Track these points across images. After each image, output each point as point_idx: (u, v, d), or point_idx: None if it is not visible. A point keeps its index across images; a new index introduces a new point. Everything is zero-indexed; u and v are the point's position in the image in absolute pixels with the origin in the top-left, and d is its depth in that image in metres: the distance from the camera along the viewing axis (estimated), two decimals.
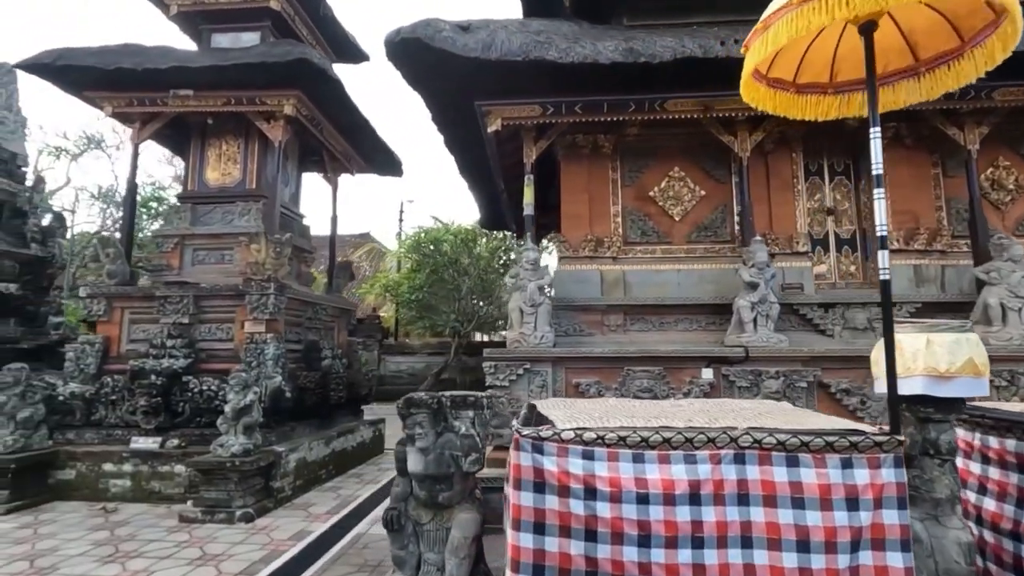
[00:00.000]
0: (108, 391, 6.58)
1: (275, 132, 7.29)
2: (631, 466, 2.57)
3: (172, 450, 6.20)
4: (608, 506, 2.49)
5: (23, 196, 9.14)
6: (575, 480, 2.53)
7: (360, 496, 6.43)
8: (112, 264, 7.02)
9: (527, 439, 2.63)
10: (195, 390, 6.46)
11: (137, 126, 7.40)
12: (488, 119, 6.07)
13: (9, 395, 6.06)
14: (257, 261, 6.90)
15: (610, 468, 2.56)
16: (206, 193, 7.77)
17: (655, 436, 2.57)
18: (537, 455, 2.60)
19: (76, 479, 6.24)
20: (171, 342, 6.65)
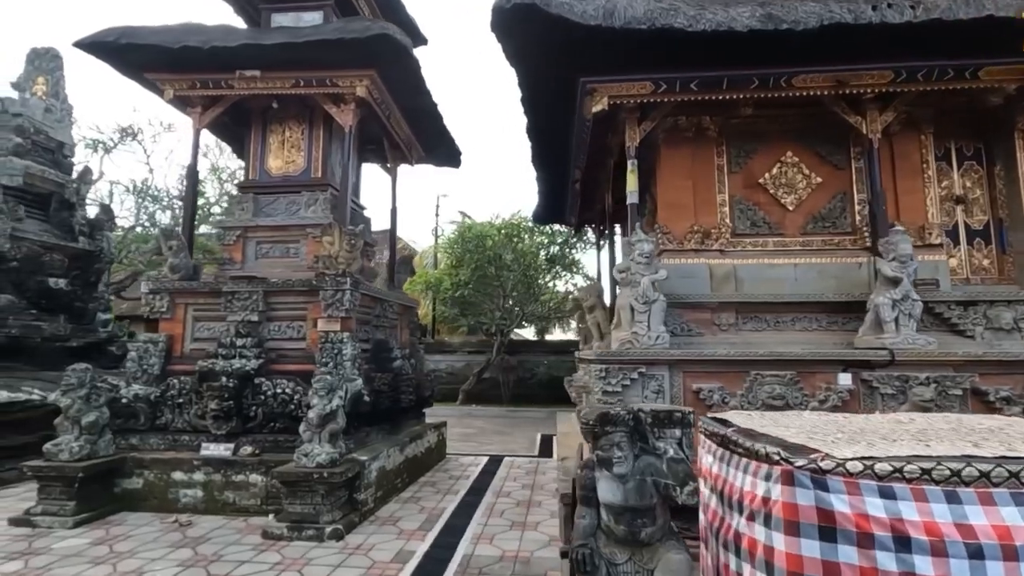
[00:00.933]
0: (174, 393, 6.14)
1: (345, 116, 6.80)
2: (946, 508, 2.02)
3: (247, 458, 5.74)
4: (930, 561, 1.95)
5: (71, 187, 8.75)
6: (879, 526, 1.98)
7: (445, 509, 5.93)
8: (175, 257, 6.57)
9: (804, 472, 2.09)
10: (268, 393, 5.99)
11: (198, 111, 6.93)
12: (593, 98, 5.54)
13: (73, 398, 5.63)
14: (330, 254, 6.41)
15: (920, 511, 2.01)
16: (268, 183, 7.30)
17: (968, 469, 2.01)
18: (821, 492, 2.05)
19: (144, 488, 5.80)
20: (241, 341, 6.19)
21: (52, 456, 5.49)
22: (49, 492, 5.44)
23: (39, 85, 8.83)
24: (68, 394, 5.64)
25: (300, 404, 5.94)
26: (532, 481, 7.24)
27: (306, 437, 5.32)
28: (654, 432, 2.65)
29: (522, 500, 6.30)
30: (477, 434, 11.29)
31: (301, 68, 6.56)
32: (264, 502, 5.64)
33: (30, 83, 8.62)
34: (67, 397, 5.64)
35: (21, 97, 8.43)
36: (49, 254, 8.25)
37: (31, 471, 5.43)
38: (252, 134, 7.40)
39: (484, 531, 5.22)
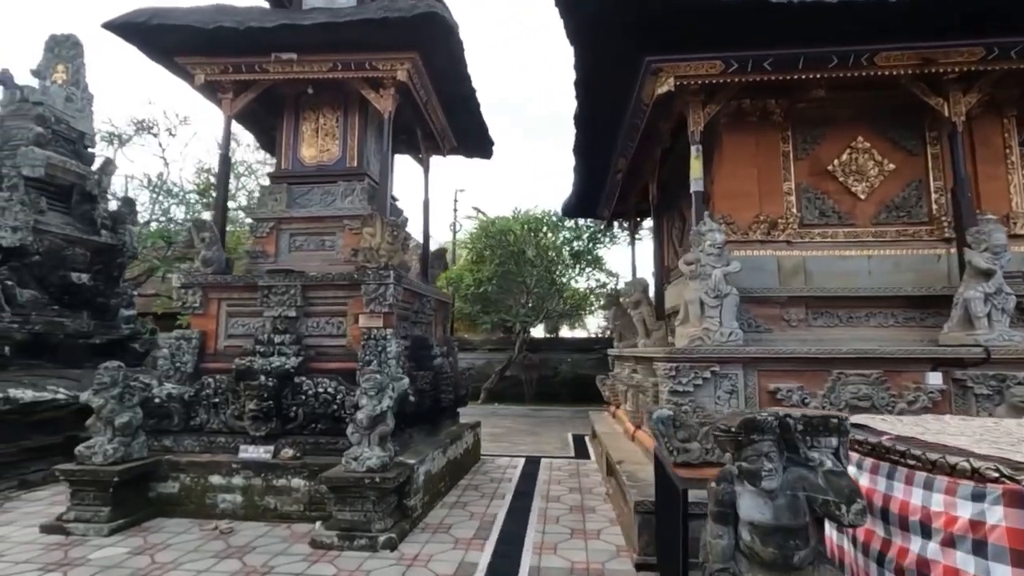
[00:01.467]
0: (210, 393, 5.83)
1: (384, 102, 6.47)
2: None
3: (288, 461, 5.43)
4: None
5: (92, 179, 8.45)
6: None
7: (496, 515, 5.62)
8: (207, 250, 6.26)
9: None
10: (309, 392, 5.68)
11: (230, 96, 6.61)
12: (657, 78, 5.19)
13: (107, 398, 5.33)
14: (371, 247, 6.09)
15: None
16: (301, 172, 6.98)
17: None
18: None
19: (179, 493, 5.50)
20: (279, 338, 5.88)
21: (85, 459, 5.20)
22: (82, 497, 5.14)
23: (59, 73, 8.53)
24: (100, 394, 5.34)
25: (343, 404, 5.63)
26: (578, 484, 6.92)
27: (354, 439, 5.00)
28: (806, 441, 2.33)
29: (574, 505, 5.98)
30: (506, 434, 10.98)
31: (339, 51, 6.23)
32: (307, 508, 5.33)
33: (50, 71, 8.31)
34: (99, 397, 5.34)
35: (41, 85, 8.13)
36: (72, 248, 7.96)
37: (63, 475, 5.13)
38: (284, 122, 7.08)
39: (544, 539, 4.90)
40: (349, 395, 5.64)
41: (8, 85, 8.06)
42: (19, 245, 7.15)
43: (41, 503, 5.98)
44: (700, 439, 4.73)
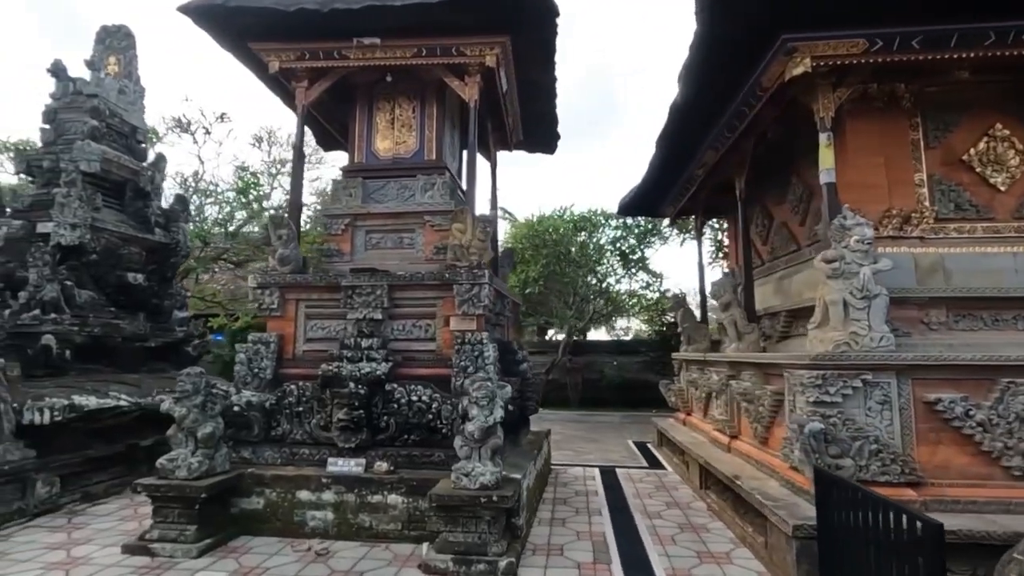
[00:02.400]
0: (292, 401, 5.44)
1: (470, 90, 6.06)
2: None
3: (383, 476, 5.02)
4: None
5: (145, 175, 8.10)
6: None
7: (604, 534, 5.19)
8: (285, 248, 5.87)
9: None
10: (402, 401, 5.27)
11: (304, 85, 6.23)
12: (791, 59, 4.75)
13: (189, 407, 4.94)
14: (460, 244, 5.68)
15: None
16: (377, 166, 6.58)
17: None
18: None
19: (265, 509, 5.10)
20: (366, 342, 5.48)
21: (167, 473, 4.81)
22: (166, 515, 4.75)
23: (111, 65, 8.19)
24: (182, 402, 4.96)
25: (439, 414, 5.23)
26: (671, 498, 6.48)
27: (463, 453, 4.58)
28: None
29: (681, 523, 5.54)
30: (565, 440, 10.53)
31: (425, 35, 5.83)
32: (406, 527, 4.92)
33: (103, 63, 7.97)
34: (181, 406, 4.95)
35: (95, 77, 7.79)
36: (127, 247, 7.60)
37: (145, 490, 4.74)
38: (357, 112, 6.69)
39: (673, 565, 4.46)
40: (445, 404, 5.23)
41: (61, 77, 7.73)
42: (78, 243, 6.79)
43: (110, 518, 5.60)
44: (853, 455, 4.30)
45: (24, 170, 7.43)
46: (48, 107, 7.67)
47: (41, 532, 5.16)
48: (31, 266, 6.40)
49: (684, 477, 7.46)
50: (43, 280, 6.37)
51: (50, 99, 7.72)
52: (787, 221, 7.14)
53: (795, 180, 6.79)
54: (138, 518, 5.59)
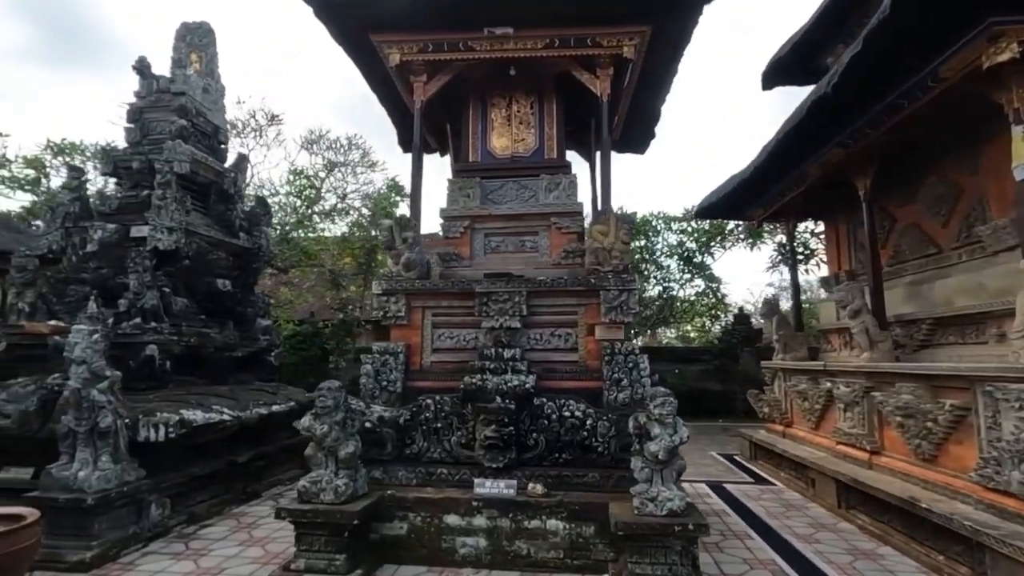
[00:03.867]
0: (430, 416, 5.05)
1: (601, 83, 5.71)
2: None
3: (541, 498, 4.61)
4: None
5: (229, 177, 7.75)
6: None
7: (774, 560, 4.76)
8: (411, 252, 5.50)
9: None
10: (553, 416, 4.87)
11: (423, 80, 5.88)
12: (995, 44, 4.36)
13: (330, 424, 4.54)
14: (603, 247, 5.30)
15: None
16: (493, 165, 6.23)
17: None
18: None
19: (408, 535, 4.69)
20: (508, 353, 5.09)
21: (311, 496, 4.41)
22: (311, 542, 4.35)
23: (193, 63, 7.86)
24: (322, 419, 4.56)
25: (594, 431, 4.82)
26: (810, 518, 6.04)
27: (643, 476, 4.18)
28: None
29: (846, 548, 5.11)
30: None
31: (559, 24, 5.48)
32: (568, 555, 4.51)
33: (188, 61, 7.64)
34: (321, 423, 4.55)
35: (182, 74, 7.46)
36: (215, 251, 7.24)
37: (289, 516, 4.35)
38: (470, 109, 6.33)
39: None
40: (601, 420, 4.83)
41: (145, 75, 7.41)
42: (174, 248, 6.43)
43: (227, 543, 5.20)
44: None
45: (111, 171, 7.09)
46: (133, 106, 7.35)
47: (164, 559, 4.76)
48: (131, 272, 6.04)
49: (805, 494, 7.02)
50: (143, 287, 6.00)
51: (134, 98, 7.40)
52: (919, 222, 6.74)
53: (934, 179, 6.40)
54: (256, 543, 5.20)
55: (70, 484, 4.63)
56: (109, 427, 4.81)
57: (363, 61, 6.17)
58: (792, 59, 9.22)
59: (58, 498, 4.53)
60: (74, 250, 6.53)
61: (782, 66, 9.46)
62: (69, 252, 6.53)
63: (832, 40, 8.65)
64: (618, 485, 4.75)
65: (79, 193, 6.78)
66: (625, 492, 4.59)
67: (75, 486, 4.63)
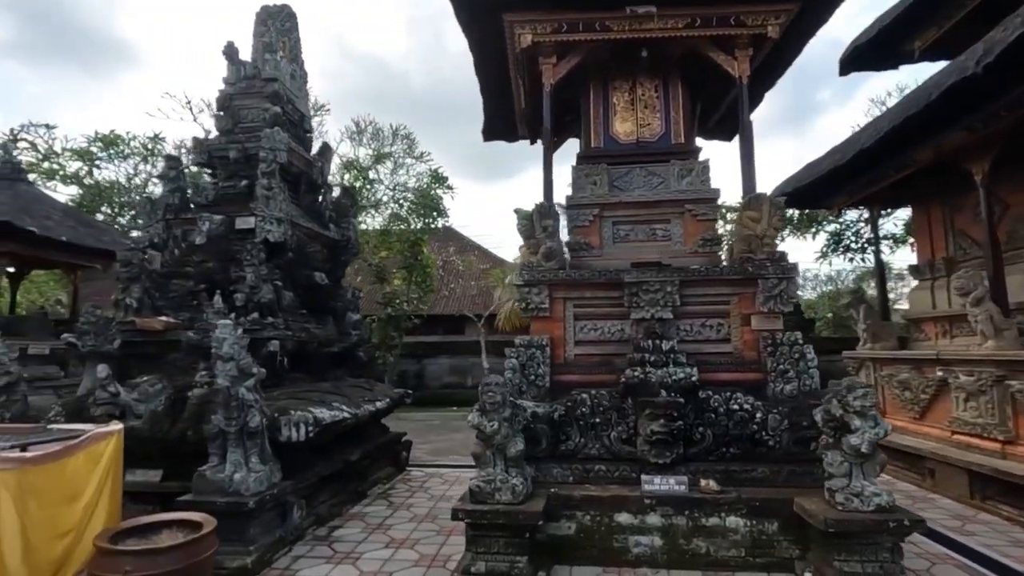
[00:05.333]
0: (586, 411, 4.85)
1: (740, 64, 5.51)
2: None
3: (717, 495, 4.44)
4: None
5: (316, 167, 7.50)
6: None
7: (947, 555, 4.64)
8: (551, 241, 5.30)
9: None
10: (720, 410, 4.70)
11: (552, 62, 5.64)
12: None
13: (499, 421, 4.33)
14: (755, 234, 5.12)
15: None
16: (618, 151, 6.01)
17: None
18: None
19: (577, 535, 4.51)
20: (666, 345, 4.90)
21: (485, 496, 4.22)
22: (488, 544, 4.17)
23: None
24: (491, 415, 4.35)
25: (764, 424, 4.65)
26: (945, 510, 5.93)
27: (840, 471, 4.01)
28: None
29: (1013, 540, 4.99)
30: None
31: (704, 3, 5.27)
32: (749, 553, 4.35)
33: (278, 45, 7.34)
34: (490, 419, 4.34)
35: (273, 60, 7.16)
36: (312, 244, 7.00)
37: (468, 516, 4.16)
38: (591, 93, 6.11)
39: None
40: (772, 413, 4.66)
41: (233, 60, 7.11)
42: (282, 240, 6.19)
43: (371, 545, 5.00)
44: None
45: (205, 161, 6.80)
46: (222, 92, 7.06)
47: (318, 563, 4.57)
48: (247, 265, 5.79)
49: (922, 485, 6.90)
50: (260, 281, 5.76)
51: (223, 84, 7.11)
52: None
53: None
54: (402, 544, 5.02)
55: (225, 487, 4.42)
56: (258, 427, 4.59)
57: (483, 43, 5.93)
58: (877, 43, 9.03)
59: (216, 501, 4.31)
60: (176, 243, 6.26)
61: (864, 51, 9.27)
62: (171, 245, 6.27)
63: (923, 24, 8.48)
64: (789, 480, 4.61)
65: (177, 184, 6.49)
66: (802, 488, 4.46)
67: (230, 488, 4.42)
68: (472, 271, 23.11)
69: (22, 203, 8.33)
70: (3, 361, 4.90)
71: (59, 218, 8.68)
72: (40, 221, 8.09)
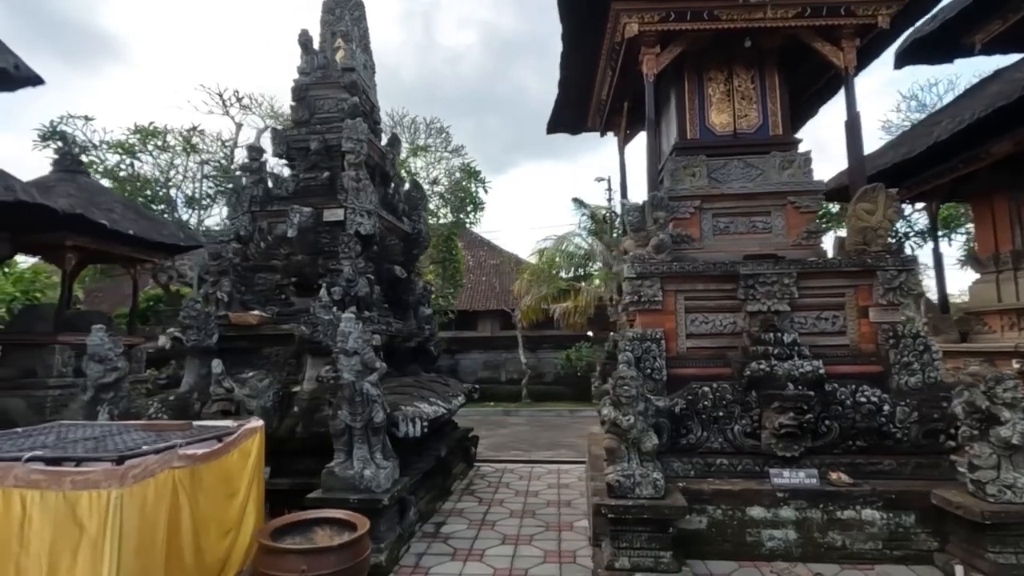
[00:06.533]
0: (708, 405, 4.81)
1: (847, 55, 5.46)
2: None
3: (851, 488, 4.42)
4: None
5: (388, 159, 7.37)
6: None
7: None
8: (662, 232, 5.23)
9: None
10: (846, 402, 4.67)
11: (655, 52, 5.56)
12: None
13: (634, 414, 4.28)
14: (870, 226, 5.09)
15: None
16: (714, 142, 5.95)
17: None
18: None
19: (708, 529, 4.48)
20: (788, 337, 4.86)
21: (625, 491, 4.16)
22: (630, 539, 4.11)
23: (338, 41, 7.41)
24: (626, 409, 4.30)
25: (892, 417, 4.63)
26: None
27: (989, 463, 3.99)
28: None
29: None
30: None
31: None
32: (886, 545, 4.33)
33: (354, 33, 7.19)
34: (625, 413, 4.29)
35: (349, 49, 7.01)
36: (390, 236, 6.89)
37: (612, 512, 4.09)
38: (685, 84, 6.04)
39: None
40: (900, 405, 4.64)
41: (308, 49, 6.97)
42: (372, 233, 6.08)
43: (486, 541, 4.96)
44: None
45: (283, 152, 6.66)
46: (298, 82, 6.92)
47: (447, 561, 4.50)
48: (343, 257, 5.68)
49: None
50: (356, 274, 5.65)
51: (298, 74, 6.96)
52: None
53: None
54: (521, 541, 4.96)
55: (356, 483, 4.33)
56: (382, 422, 4.50)
57: (577, 34, 5.84)
58: (938, 36, 9.02)
59: (349, 499, 4.23)
60: (262, 236, 6.13)
61: (924, 44, 9.25)
62: (257, 238, 6.13)
63: (988, 17, 8.47)
64: (916, 473, 4.60)
65: (260, 175, 6.35)
66: (930, 480, 4.44)
67: (361, 485, 4.33)
68: (484, 267, 23.04)
69: (88, 196, 8.12)
70: (110, 356, 4.75)
71: (121, 211, 8.46)
72: (107, 214, 7.89)
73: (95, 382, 4.67)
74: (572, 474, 7.39)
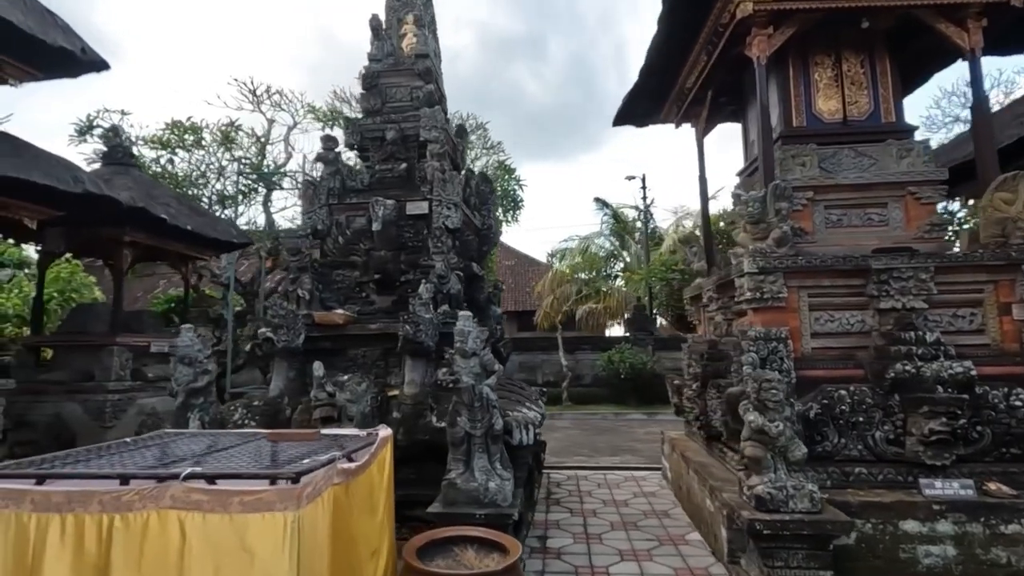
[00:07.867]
0: (845, 409, 4.46)
1: (972, 36, 5.12)
2: None
3: (1015, 499, 4.07)
4: None
5: (459, 149, 7.02)
6: None
7: None
8: (784, 224, 4.89)
9: None
10: (1000, 406, 4.32)
11: (767, 32, 5.23)
12: None
13: (782, 420, 3.93)
14: (1010, 216, 4.75)
15: None
16: (823, 131, 5.62)
17: None
18: None
19: (857, 544, 4.12)
20: (931, 336, 4.52)
21: (777, 504, 3.82)
22: (785, 558, 3.77)
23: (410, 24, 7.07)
24: (773, 414, 3.95)
25: None
26: None
27: None
28: None
29: None
30: None
31: None
32: None
33: (426, 17, 6.84)
34: (772, 419, 3.94)
35: (421, 34, 6.67)
36: (467, 231, 6.53)
37: (768, 528, 3.74)
38: (790, 69, 5.70)
39: None
40: None
41: (378, 35, 6.62)
42: (459, 227, 5.73)
43: (602, 558, 4.58)
44: None
45: (356, 143, 6.30)
46: (368, 69, 6.57)
47: None
48: (435, 253, 5.34)
49: None
50: (449, 270, 5.30)
51: (368, 61, 6.61)
52: None
53: None
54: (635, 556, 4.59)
55: (481, 497, 3.97)
56: (502, 429, 4.14)
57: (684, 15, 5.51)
58: None
59: (475, 514, 3.87)
60: (339, 230, 5.78)
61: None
62: (334, 232, 5.78)
63: None
64: None
65: (336, 166, 5.99)
66: None
67: (486, 499, 3.97)
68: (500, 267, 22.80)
69: (145, 189, 7.72)
70: (199, 359, 4.40)
71: (176, 206, 8.07)
72: (165, 208, 7.51)
73: (186, 386, 4.32)
74: (651, 482, 7.03)
